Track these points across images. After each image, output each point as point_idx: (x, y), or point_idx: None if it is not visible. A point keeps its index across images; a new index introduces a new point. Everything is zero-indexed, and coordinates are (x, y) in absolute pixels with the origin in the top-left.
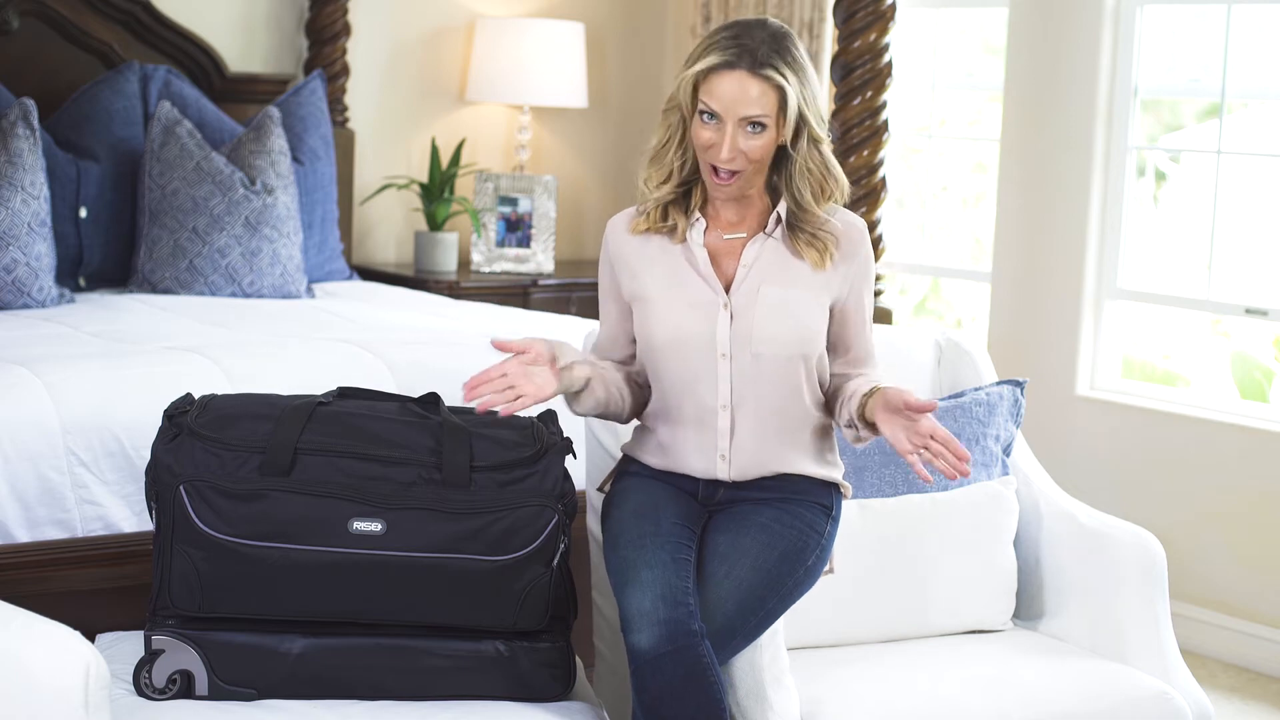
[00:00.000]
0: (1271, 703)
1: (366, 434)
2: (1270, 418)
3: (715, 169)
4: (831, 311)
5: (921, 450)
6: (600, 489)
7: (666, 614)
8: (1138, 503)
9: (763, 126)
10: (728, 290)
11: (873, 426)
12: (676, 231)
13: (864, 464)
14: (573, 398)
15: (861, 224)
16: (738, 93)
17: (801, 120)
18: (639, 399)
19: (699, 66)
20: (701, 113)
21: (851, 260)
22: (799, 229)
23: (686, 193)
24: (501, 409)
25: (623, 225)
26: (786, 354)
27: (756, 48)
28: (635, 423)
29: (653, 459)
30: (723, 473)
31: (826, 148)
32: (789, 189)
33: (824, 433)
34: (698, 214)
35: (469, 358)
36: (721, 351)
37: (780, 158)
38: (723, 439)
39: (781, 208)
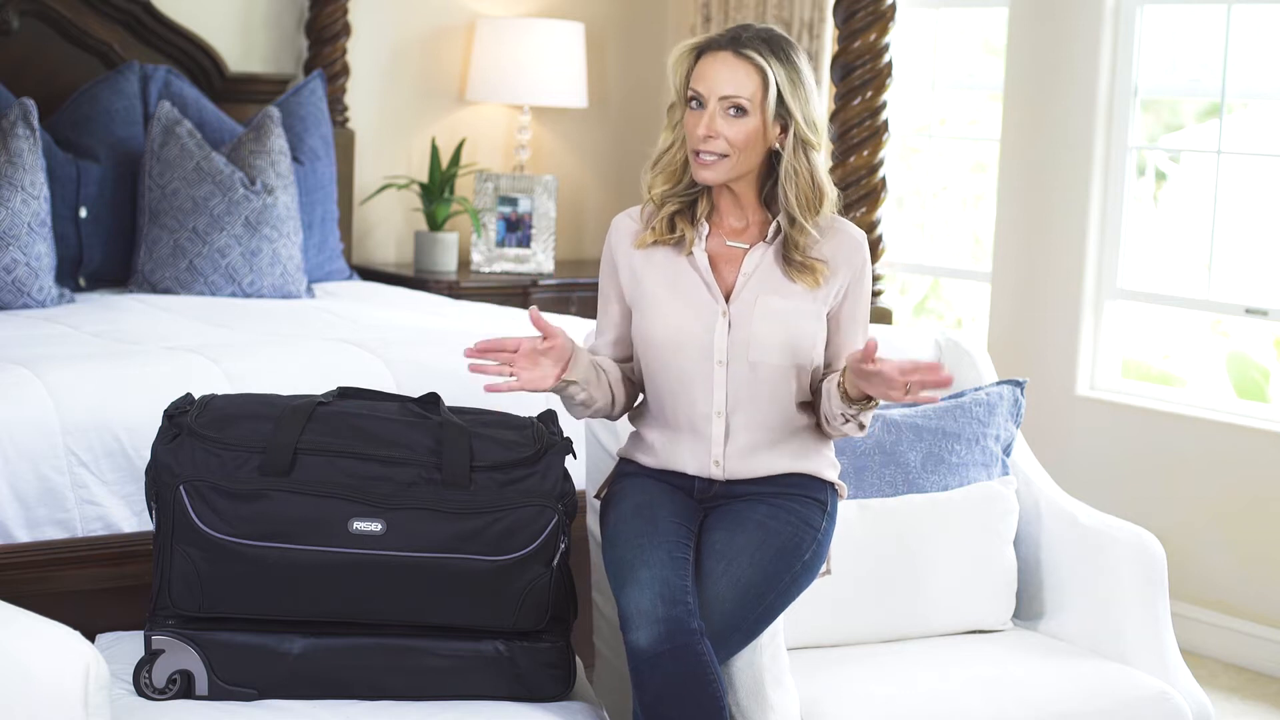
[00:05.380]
0: (1271, 703)
1: (366, 434)
2: (1269, 418)
3: (697, 153)
4: (827, 318)
5: (910, 387)
6: (597, 495)
7: (665, 612)
8: (1138, 503)
9: (743, 111)
10: (728, 298)
11: (865, 398)
12: (684, 243)
13: (864, 464)
14: (563, 399)
15: (860, 235)
16: (719, 72)
17: (787, 114)
18: (631, 396)
19: (687, 45)
20: (689, 100)
21: (848, 269)
22: (790, 254)
23: (692, 203)
24: (491, 383)
25: (627, 227)
26: (783, 364)
27: (743, 35)
28: (630, 427)
29: (647, 458)
30: (717, 475)
31: (817, 156)
32: (779, 196)
33: (819, 434)
34: (703, 221)
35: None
36: (718, 359)
37: (775, 164)
38: (716, 445)
39: (782, 218)
